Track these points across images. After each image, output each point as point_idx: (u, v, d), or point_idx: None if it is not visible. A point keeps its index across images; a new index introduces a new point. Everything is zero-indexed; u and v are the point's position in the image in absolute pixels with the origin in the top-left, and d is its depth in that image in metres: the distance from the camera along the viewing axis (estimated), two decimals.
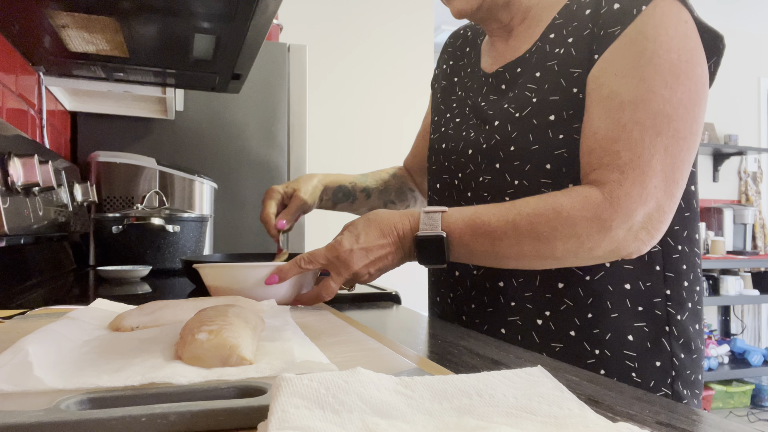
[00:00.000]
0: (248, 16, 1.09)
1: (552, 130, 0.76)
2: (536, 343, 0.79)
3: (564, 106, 0.76)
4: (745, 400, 3.91)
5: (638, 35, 0.71)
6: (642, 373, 0.76)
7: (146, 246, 1.40)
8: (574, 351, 0.77)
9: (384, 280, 0.92)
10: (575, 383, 0.48)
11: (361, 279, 0.77)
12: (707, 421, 0.39)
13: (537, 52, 0.82)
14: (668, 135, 0.69)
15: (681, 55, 0.70)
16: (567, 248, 0.71)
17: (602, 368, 0.76)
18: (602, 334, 0.76)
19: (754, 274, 4.27)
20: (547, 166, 0.76)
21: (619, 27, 0.72)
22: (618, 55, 0.72)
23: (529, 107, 0.78)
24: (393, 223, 0.76)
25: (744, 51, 4.73)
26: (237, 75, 1.52)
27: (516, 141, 0.79)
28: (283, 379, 0.33)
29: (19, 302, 0.87)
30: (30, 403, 0.38)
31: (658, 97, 0.69)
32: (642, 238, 0.71)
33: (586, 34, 0.75)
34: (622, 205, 0.69)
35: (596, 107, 0.73)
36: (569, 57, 0.77)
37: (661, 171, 0.69)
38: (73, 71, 1.52)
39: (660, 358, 0.77)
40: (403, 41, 3.25)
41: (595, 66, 0.74)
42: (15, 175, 0.96)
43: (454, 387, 0.36)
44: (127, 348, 0.51)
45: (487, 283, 0.83)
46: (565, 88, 0.76)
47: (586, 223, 0.69)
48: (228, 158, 2.18)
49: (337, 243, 0.76)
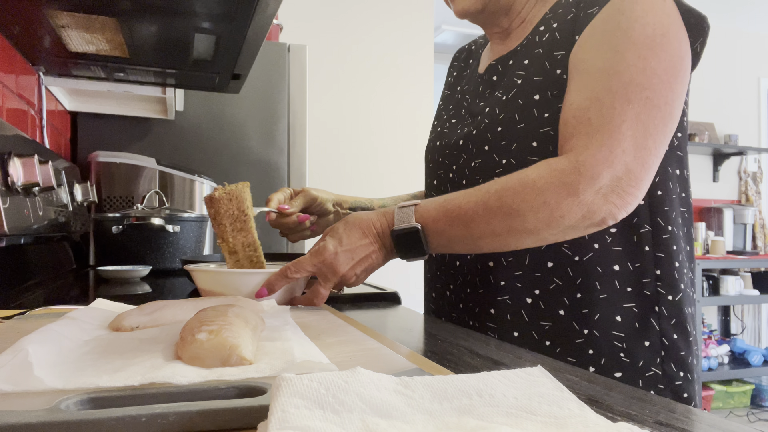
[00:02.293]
0: (248, 16, 1.09)
1: (537, 108, 0.78)
2: (525, 322, 0.80)
3: (548, 86, 0.77)
4: (745, 400, 3.91)
5: (614, 11, 0.73)
6: (630, 353, 0.77)
7: (146, 246, 1.40)
8: (562, 330, 0.78)
9: (384, 280, 0.93)
10: (575, 383, 0.48)
11: (349, 281, 0.78)
12: (707, 421, 0.39)
13: (528, 44, 0.84)
14: (640, 103, 0.70)
15: (656, 29, 0.71)
16: (538, 218, 0.70)
17: (590, 348, 0.77)
18: (591, 314, 0.77)
19: (754, 274, 4.27)
20: (533, 144, 0.77)
21: (597, 7, 0.75)
22: (595, 32, 0.74)
23: (514, 89, 0.81)
24: (371, 222, 0.77)
25: (744, 51, 4.73)
26: (237, 75, 1.52)
27: (503, 122, 0.80)
28: (283, 379, 0.33)
29: (19, 302, 0.87)
30: (30, 403, 0.38)
31: (630, 66, 0.70)
32: (613, 201, 0.70)
33: (570, 18, 0.78)
34: (587, 167, 0.69)
35: (574, 81, 0.74)
36: (554, 41, 0.79)
37: (631, 137, 0.69)
38: (73, 71, 1.52)
39: (648, 338, 0.77)
40: (403, 41, 3.25)
41: (575, 45, 0.76)
42: (15, 175, 0.96)
43: (454, 387, 0.36)
44: (127, 348, 0.51)
45: (478, 264, 0.84)
46: (549, 70, 0.78)
47: (553, 189, 0.69)
48: (228, 158, 2.18)
49: (321, 248, 0.77)
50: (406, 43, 3.21)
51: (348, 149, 3.21)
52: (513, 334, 0.81)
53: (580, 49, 0.75)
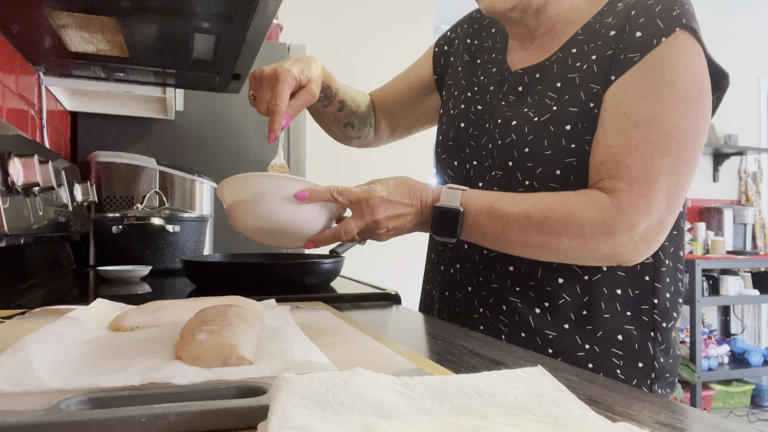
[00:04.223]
0: (248, 16, 1.09)
1: (566, 138, 0.80)
2: (531, 327, 0.83)
3: (580, 118, 0.80)
4: (745, 400, 3.91)
5: (658, 62, 0.75)
6: (626, 372, 0.82)
7: (146, 246, 1.40)
8: (566, 341, 0.82)
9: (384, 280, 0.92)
10: (575, 383, 0.48)
11: (378, 231, 0.77)
12: (707, 421, 0.39)
13: (557, 62, 0.85)
14: (675, 156, 0.74)
15: (694, 85, 0.75)
16: (571, 245, 0.76)
17: (590, 362, 0.81)
18: (594, 331, 0.81)
19: (754, 274, 4.27)
20: (557, 172, 0.80)
21: (639, 54, 0.76)
22: (637, 78, 0.76)
23: (548, 114, 0.82)
24: (419, 190, 0.79)
25: (744, 51, 4.73)
26: (237, 75, 1.52)
27: (531, 144, 0.82)
28: (283, 379, 0.33)
29: (19, 302, 0.87)
30: (30, 403, 0.38)
31: (671, 120, 0.74)
32: (640, 248, 0.76)
33: (608, 54, 0.80)
34: (628, 214, 0.74)
35: (612, 123, 0.77)
36: (591, 72, 0.81)
37: (666, 188, 0.74)
38: (73, 71, 1.52)
39: (643, 360, 0.82)
40: (403, 41, 3.25)
41: (613, 85, 0.78)
42: (15, 175, 0.96)
43: (454, 387, 0.36)
44: (127, 348, 0.51)
45: (497, 264, 0.87)
46: (583, 101, 0.80)
47: (593, 225, 0.74)
48: (228, 158, 2.18)
49: (370, 188, 0.76)
50: (406, 42, 3.21)
51: (348, 149, 3.21)
52: (521, 334, 0.84)
53: (621, 92, 0.77)
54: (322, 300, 0.91)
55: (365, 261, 2.98)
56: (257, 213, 0.70)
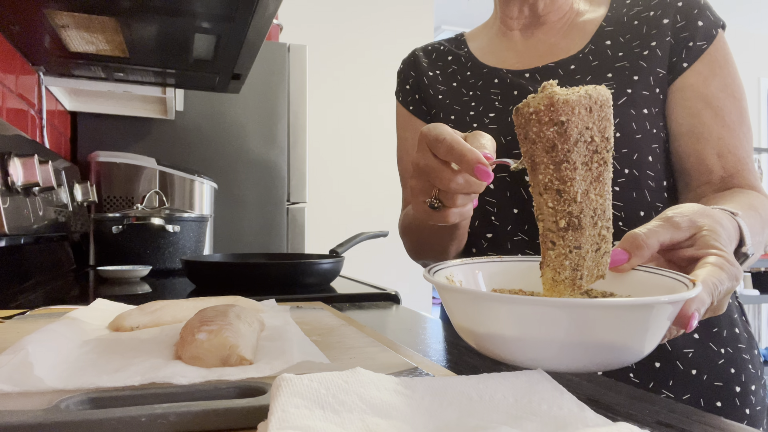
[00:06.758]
0: (248, 16, 1.09)
1: (648, 122, 0.80)
2: None
3: (652, 102, 0.81)
4: None
5: (726, 56, 0.82)
6: (638, 375, 0.77)
7: (146, 246, 1.40)
8: None
9: (384, 281, 0.92)
10: (575, 383, 0.48)
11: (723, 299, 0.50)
12: (707, 421, 0.39)
13: (592, 53, 0.85)
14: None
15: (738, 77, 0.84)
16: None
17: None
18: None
19: (754, 274, 4.27)
20: (649, 158, 0.80)
21: (706, 42, 0.81)
22: (714, 71, 0.81)
23: (624, 97, 0.81)
24: (729, 233, 0.55)
25: (744, 51, 4.73)
26: (237, 75, 1.52)
27: (620, 127, 0.78)
28: (283, 379, 0.33)
29: (19, 302, 0.87)
30: (30, 403, 0.38)
31: (746, 114, 0.82)
32: None
33: (667, 40, 0.82)
34: None
35: (708, 115, 0.80)
36: (655, 57, 0.82)
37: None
38: (73, 71, 1.52)
39: (660, 359, 0.77)
40: (403, 41, 3.25)
41: (689, 72, 0.81)
42: (15, 175, 0.96)
43: (454, 387, 0.36)
44: (127, 348, 0.51)
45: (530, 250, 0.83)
46: (652, 87, 0.81)
47: None
48: (228, 158, 2.18)
49: (722, 246, 0.51)
50: (406, 42, 3.21)
51: (348, 149, 3.21)
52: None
53: (704, 84, 0.80)
54: (322, 300, 0.91)
55: (365, 261, 2.98)
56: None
